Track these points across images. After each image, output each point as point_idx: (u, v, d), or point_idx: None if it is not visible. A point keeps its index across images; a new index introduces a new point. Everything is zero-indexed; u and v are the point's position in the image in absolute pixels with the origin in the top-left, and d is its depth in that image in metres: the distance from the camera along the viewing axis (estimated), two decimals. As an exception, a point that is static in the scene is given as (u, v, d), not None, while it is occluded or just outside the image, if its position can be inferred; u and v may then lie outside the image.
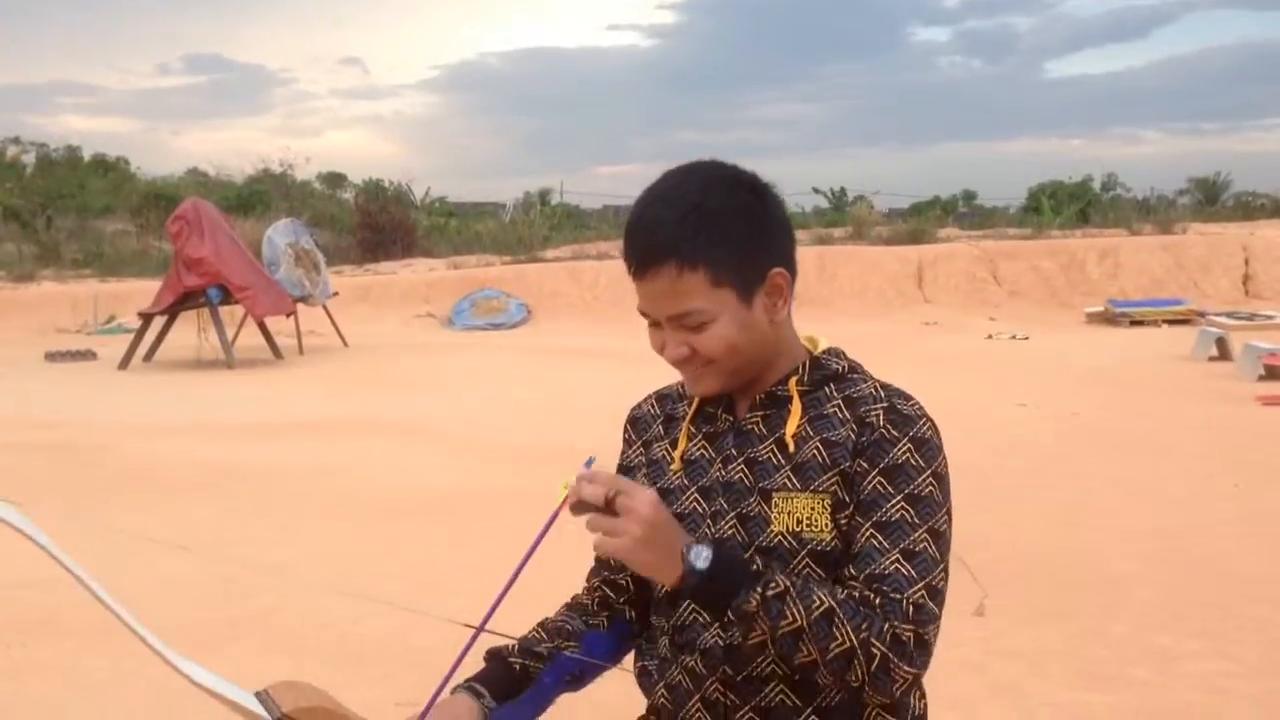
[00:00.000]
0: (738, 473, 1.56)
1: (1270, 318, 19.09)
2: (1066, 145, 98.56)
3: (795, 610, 1.39)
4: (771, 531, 1.51)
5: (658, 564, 1.38)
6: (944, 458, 1.54)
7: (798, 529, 1.49)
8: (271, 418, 11.18)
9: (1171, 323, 19.93)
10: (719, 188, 1.52)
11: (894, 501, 1.48)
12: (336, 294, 19.45)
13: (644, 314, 1.56)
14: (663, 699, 1.61)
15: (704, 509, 1.58)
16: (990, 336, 18.86)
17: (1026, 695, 4.32)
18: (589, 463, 1.45)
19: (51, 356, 17.34)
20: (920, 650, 1.43)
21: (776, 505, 1.51)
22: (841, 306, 21.84)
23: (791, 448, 1.54)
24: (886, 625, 1.41)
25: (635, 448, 1.73)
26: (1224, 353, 14.73)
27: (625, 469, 1.73)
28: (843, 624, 1.39)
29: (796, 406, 1.56)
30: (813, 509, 1.50)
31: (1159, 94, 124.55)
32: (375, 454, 9.34)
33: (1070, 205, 31.70)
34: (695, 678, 1.56)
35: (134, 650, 4.99)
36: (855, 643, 1.39)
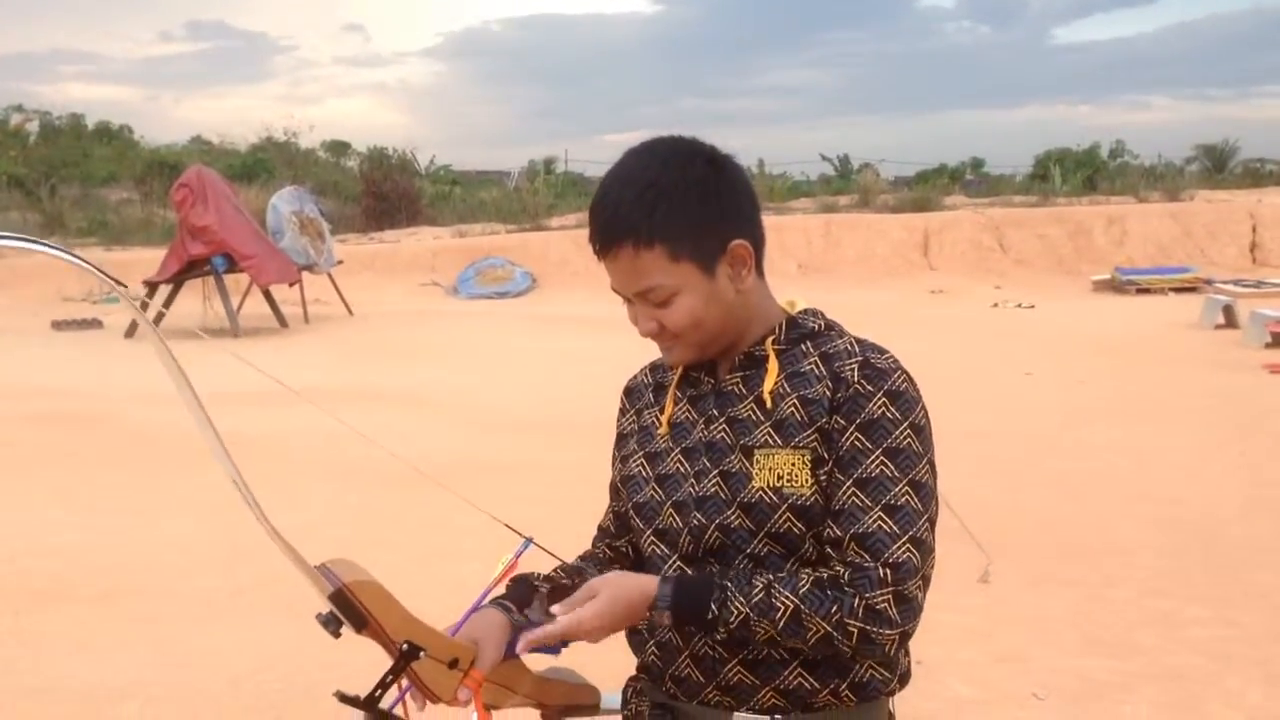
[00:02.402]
0: (720, 432, 1.60)
1: (1277, 285, 19.01)
2: (1074, 112, 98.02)
3: (762, 627, 1.47)
4: (753, 487, 1.54)
5: (629, 626, 1.57)
6: (922, 409, 1.55)
7: (778, 484, 1.52)
8: (276, 386, 11.18)
9: (1178, 290, 19.87)
10: (674, 163, 1.55)
11: (873, 457, 1.50)
12: (341, 262, 19.42)
13: (615, 291, 1.61)
14: (653, 656, 1.64)
15: (686, 469, 1.61)
16: (996, 305, 18.82)
17: (1031, 661, 4.33)
18: (526, 544, 1.62)
19: (58, 325, 17.37)
20: (903, 607, 1.45)
21: (758, 461, 1.54)
22: (847, 275, 21.79)
23: (769, 404, 1.57)
24: (857, 600, 1.45)
25: (629, 416, 1.77)
26: (1231, 320, 14.69)
27: (620, 436, 1.78)
28: (811, 617, 1.45)
29: (773, 364, 1.59)
30: (793, 465, 1.52)
31: (1167, 60, 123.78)
32: (380, 423, 9.35)
33: (1078, 173, 31.54)
34: (685, 635, 1.59)
35: (141, 617, 5.03)
36: (829, 628, 1.45)
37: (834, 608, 1.44)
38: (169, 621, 4.92)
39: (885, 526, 1.46)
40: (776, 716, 1.55)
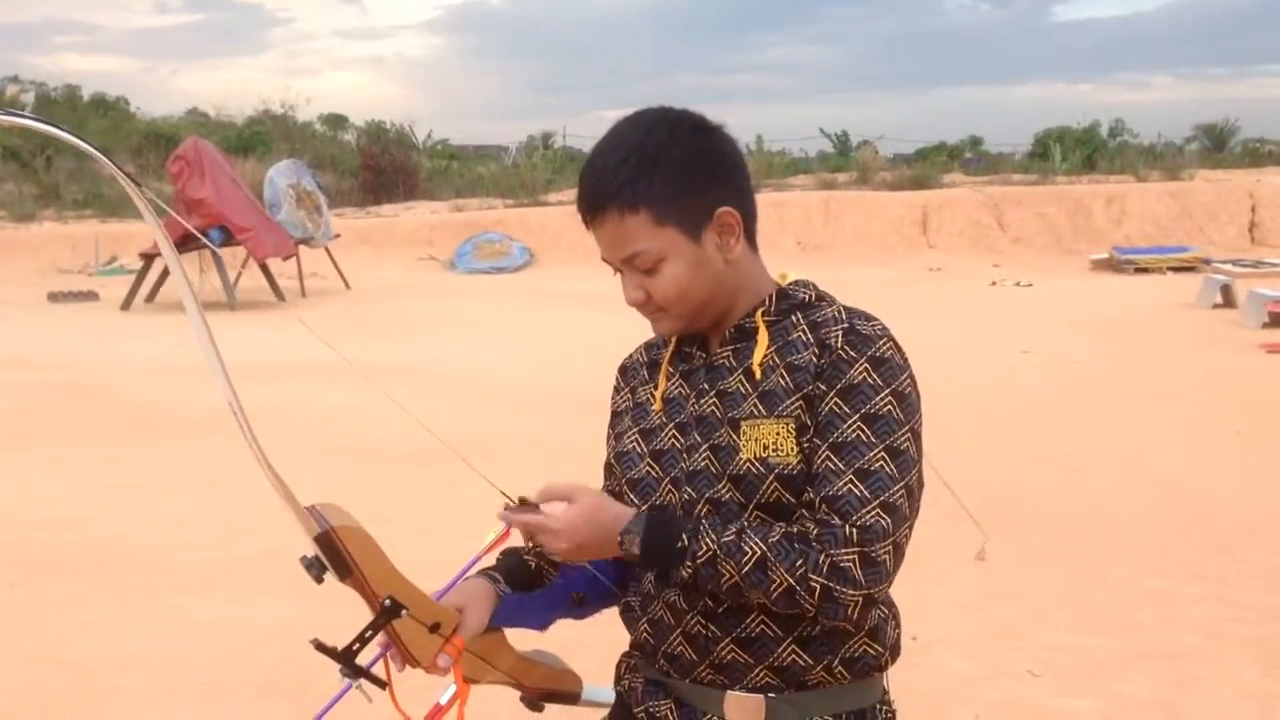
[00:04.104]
0: (710, 406, 1.59)
1: (1276, 265, 18.99)
2: (1074, 90, 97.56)
3: (728, 568, 1.45)
4: (740, 459, 1.53)
5: (598, 556, 1.54)
6: (908, 377, 1.53)
7: (764, 454, 1.52)
8: (273, 360, 11.18)
9: (1177, 270, 19.85)
10: (660, 130, 1.56)
11: (850, 422, 1.49)
12: (338, 236, 19.37)
13: (605, 261, 1.61)
14: (645, 634, 1.63)
15: (680, 444, 1.61)
16: (994, 283, 18.80)
17: (1027, 638, 4.35)
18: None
19: (54, 297, 17.33)
20: (869, 569, 1.43)
21: (744, 433, 1.54)
22: (845, 252, 21.76)
23: (758, 375, 1.56)
24: (823, 557, 1.43)
25: (623, 394, 1.77)
26: (1229, 300, 14.68)
27: (614, 414, 1.77)
28: (776, 567, 1.44)
29: (763, 336, 1.58)
30: (778, 434, 1.52)
31: (1168, 38, 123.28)
32: (377, 397, 9.35)
33: (1077, 151, 31.43)
34: (677, 612, 1.58)
35: (139, 589, 5.04)
36: (792, 581, 1.43)
37: (799, 561, 1.43)
38: (167, 594, 4.92)
39: (856, 490, 1.45)
40: (770, 695, 1.54)
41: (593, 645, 1.89)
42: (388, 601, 1.47)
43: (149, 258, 16.71)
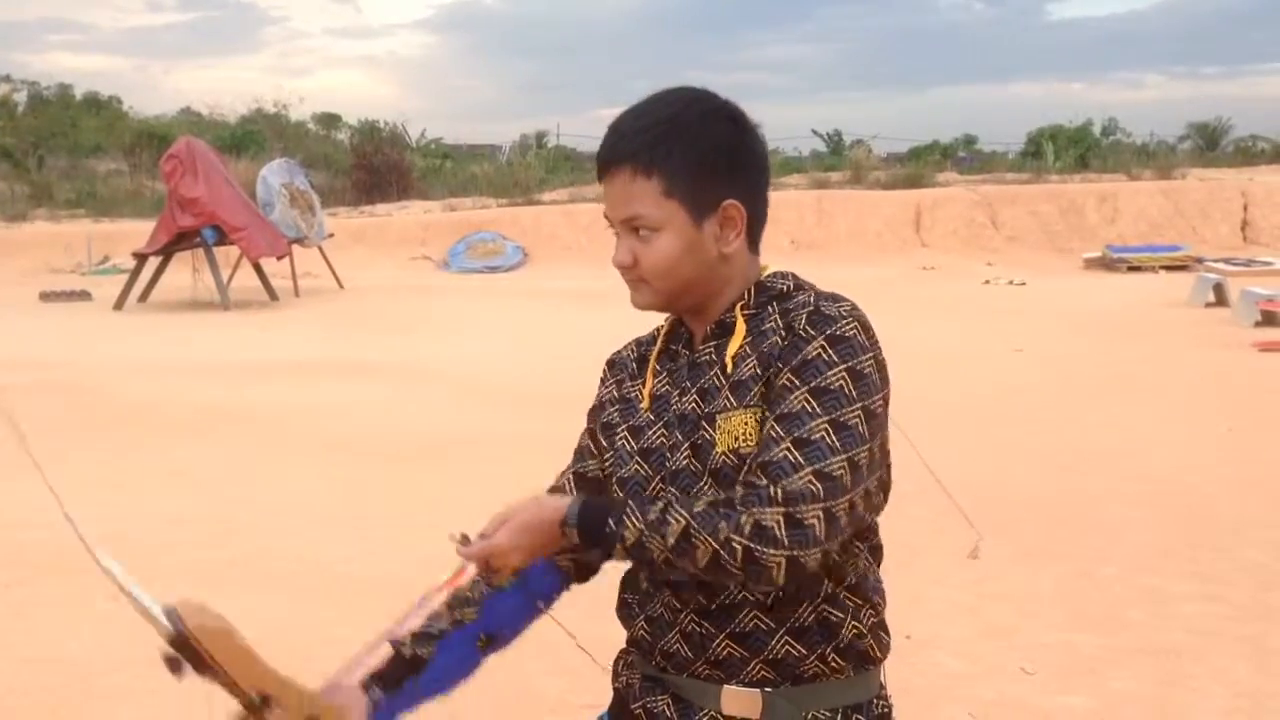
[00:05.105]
0: (691, 403, 1.60)
1: (1268, 264, 19.05)
2: (1067, 89, 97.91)
3: (655, 543, 1.45)
4: (716, 454, 1.53)
5: (552, 552, 1.57)
6: (871, 358, 1.50)
7: (736, 446, 1.51)
8: (267, 359, 11.17)
9: (1169, 268, 19.90)
10: (696, 108, 1.56)
11: (798, 393, 1.47)
12: (332, 235, 19.35)
13: (606, 218, 1.61)
14: (643, 631, 1.64)
15: (667, 442, 1.61)
16: (988, 282, 18.83)
17: (1019, 635, 4.36)
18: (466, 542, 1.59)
19: (46, 296, 17.28)
20: (794, 530, 1.40)
21: (719, 427, 1.54)
22: (838, 251, 21.78)
23: (729, 369, 1.56)
24: (745, 518, 1.41)
25: (608, 385, 1.77)
26: (1221, 299, 14.73)
27: (597, 403, 1.78)
28: (699, 533, 1.42)
29: (740, 329, 1.58)
30: (747, 424, 1.51)
31: (1161, 37, 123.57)
32: (371, 397, 9.34)
33: (1070, 150, 31.49)
34: (673, 610, 1.59)
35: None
36: (717, 545, 1.41)
37: (722, 524, 1.42)
38: (162, 593, 4.92)
39: (791, 457, 1.42)
40: (766, 689, 1.54)
41: (587, 643, 1.90)
42: (256, 698, 1.46)
43: (142, 257, 16.68)
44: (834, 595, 1.55)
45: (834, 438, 1.44)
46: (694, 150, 1.53)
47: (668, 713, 1.61)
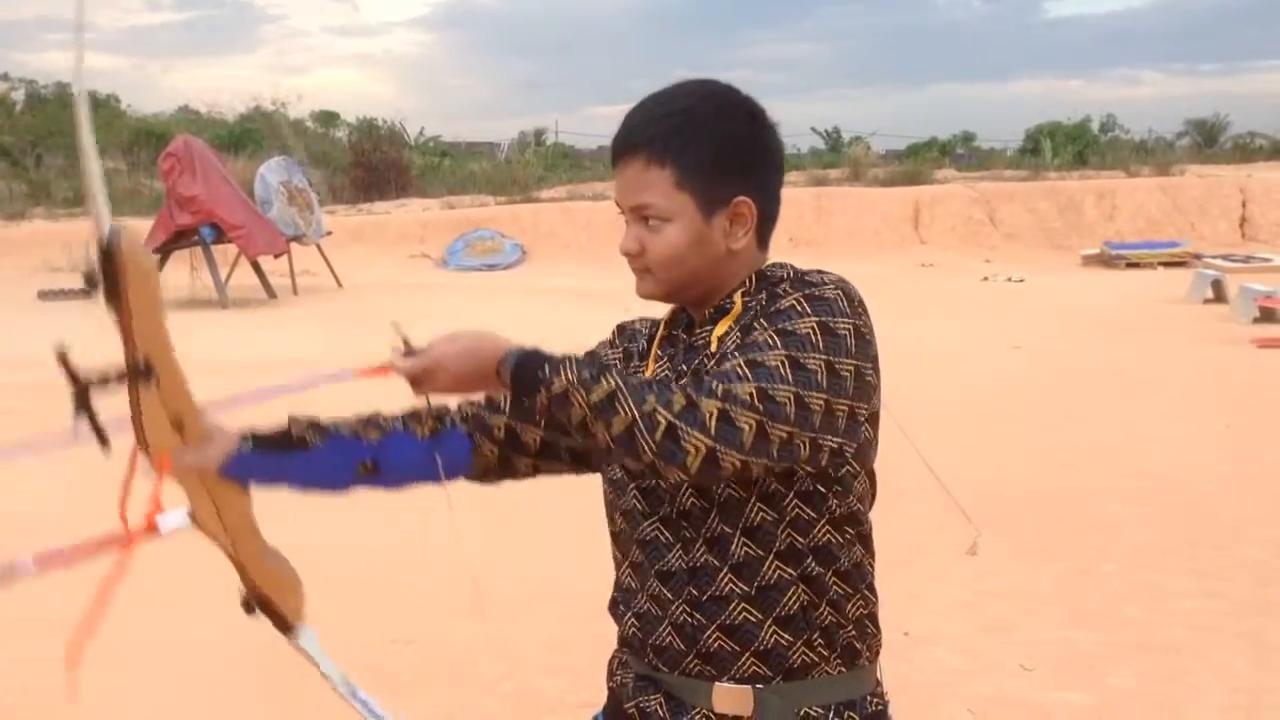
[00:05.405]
0: None
1: (1267, 260, 19.05)
2: (1065, 86, 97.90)
3: (578, 399, 1.42)
4: None
5: (480, 388, 1.65)
6: (849, 322, 1.47)
7: None
8: (265, 357, 11.16)
9: (1167, 265, 19.90)
10: (714, 101, 1.56)
11: (764, 333, 1.45)
12: (330, 233, 19.33)
13: (617, 204, 1.61)
14: (633, 628, 1.63)
15: None
16: (986, 279, 18.83)
17: (1018, 632, 4.36)
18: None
19: (45, 295, 17.27)
20: (724, 425, 1.36)
21: None
22: (837, 248, 21.76)
23: (714, 348, 1.55)
24: (679, 397, 1.38)
25: (616, 349, 1.77)
26: (1219, 295, 14.74)
27: (596, 354, 1.78)
28: (625, 401, 1.39)
29: (736, 311, 1.57)
30: None
31: (1158, 34, 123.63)
32: (369, 395, 9.33)
33: (1068, 147, 31.49)
34: (662, 603, 1.58)
35: (131, 587, 5.02)
36: (637, 414, 1.38)
37: (650, 397, 1.38)
38: (160, 592, 4.91)
39: (739, 370, 1.40)
40: (758, 686, 1.53)
41: (585, 643, 1.90)
42: (141, 362, 1.31)
43: (140, 256, 16.64)
44: (822, 580, 1.53)
45: (787, 370, 1.40)
46: (709, 144, 1.52)
47: (660, 712, 1.60)
